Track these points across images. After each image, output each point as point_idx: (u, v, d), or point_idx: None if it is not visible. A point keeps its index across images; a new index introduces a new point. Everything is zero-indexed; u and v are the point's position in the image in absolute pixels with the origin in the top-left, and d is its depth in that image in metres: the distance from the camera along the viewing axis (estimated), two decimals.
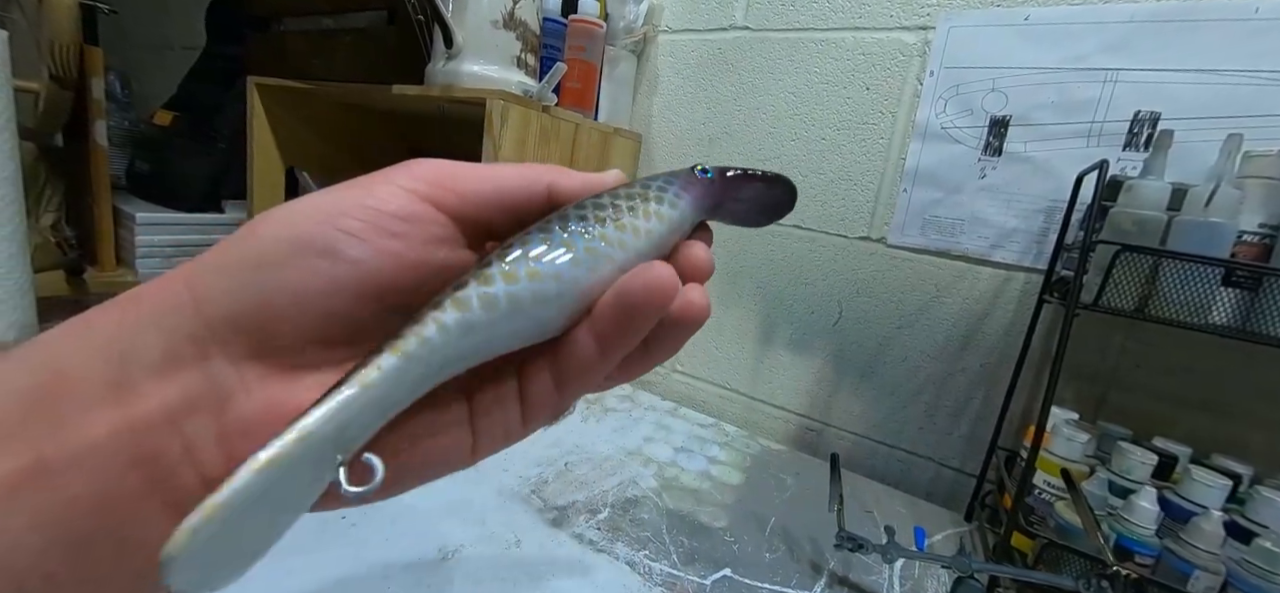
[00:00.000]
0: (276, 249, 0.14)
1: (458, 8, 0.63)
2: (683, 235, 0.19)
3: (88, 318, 0.14)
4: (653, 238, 0.18)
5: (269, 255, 0.14)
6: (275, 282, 0.14)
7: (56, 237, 0.87)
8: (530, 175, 0.18)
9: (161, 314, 0.14)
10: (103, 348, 0.13)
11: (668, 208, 0.18)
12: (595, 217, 0.17)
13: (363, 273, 0.15)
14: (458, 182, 0.16)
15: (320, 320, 0.14)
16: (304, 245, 0.14)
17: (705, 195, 0.20)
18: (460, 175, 0.16)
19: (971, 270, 0.69)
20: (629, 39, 0.83)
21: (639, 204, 0.18)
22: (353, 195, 0.15)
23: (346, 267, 0.14)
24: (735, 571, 0.51)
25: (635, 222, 0.17)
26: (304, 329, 0.14)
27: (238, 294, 0.14)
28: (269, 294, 0.14)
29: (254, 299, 0.14)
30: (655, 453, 0.70)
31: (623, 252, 0.17)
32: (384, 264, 0.15)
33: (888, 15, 0.71)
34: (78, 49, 0.78)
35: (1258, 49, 0.53)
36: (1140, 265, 0.48)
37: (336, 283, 0.14)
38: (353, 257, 0.14)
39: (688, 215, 0.19)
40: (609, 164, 0.83)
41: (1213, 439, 0.57)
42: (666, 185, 0.19)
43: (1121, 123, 0.59)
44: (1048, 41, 0.62)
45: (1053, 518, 0.53)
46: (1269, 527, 0.46)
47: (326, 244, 0.14)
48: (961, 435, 0.72)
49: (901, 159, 0.72)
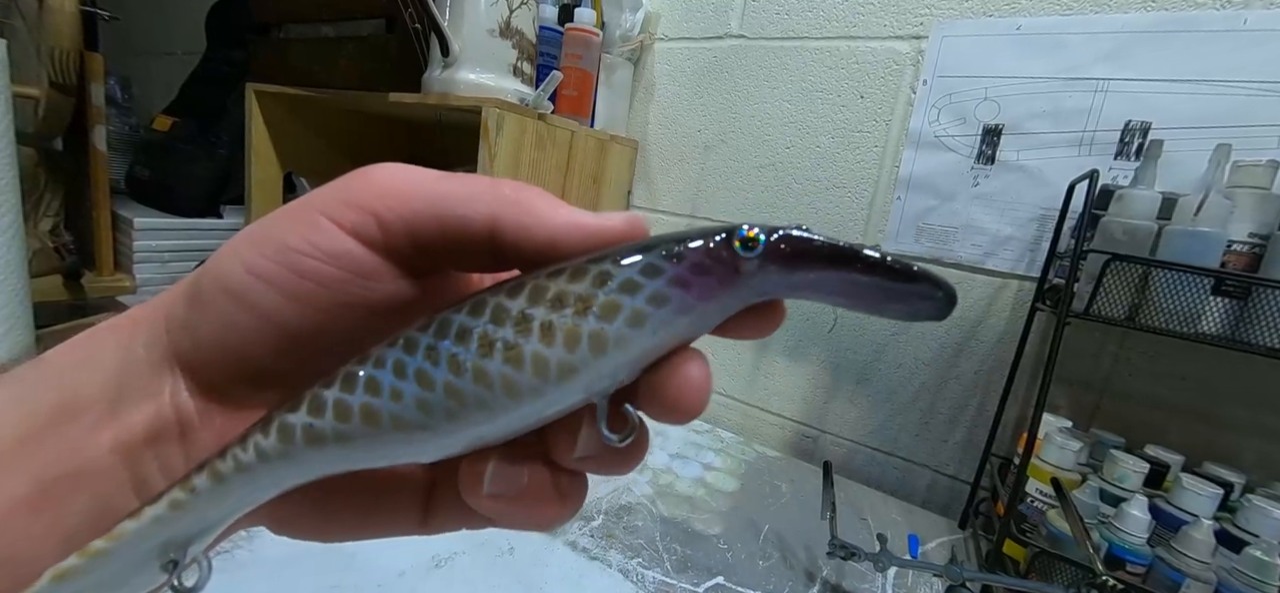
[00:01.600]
0: (209, 288, 0.13)
1: (454, 16, 0.64)
2: (687, 339, 0.13)
3: (93, 339, 0.14)
4: (577, 379, 0.12)
5: (203, 293, 0.14)
6: (205, 323, 0.14)
7: (55, 241, 0.87)
8: (474, 197, 0.13)
9: (149, 340, 0.14)
10: (105, 370, 0.14)
11: (624, 326, 0.12)
12: (482, 344, 0.12)
13: (276, 324, 0.13)
14: (392, 201, 0.13)
15: (240, 364, 0.14)
16: (224, 288, 0.13)
17: (736, 286, 0.12)
18: (397, 192, 0.13)
19: (966, 278, 0.70)
20: (625, 47, 0.83)
21: (575, 318, 0.12)
22: (276, 230, 0.13)
23: (257, 318, 0.13)
24: (728, 579, 0.51)
25: (550, 354, 0.11)
26: (229, 371, 0.14)
27: (182, 328, 0.14)
28: (201, 335, 0.14)
29: (191, 338, 0.14)
30: (650, 459, 0.70)
31: (513, 411, 0.12)
32: (302, 313, 0.13)
33: (881, 24, 0.71)
34: (78, 55, 0.79)
35: (1246, 60, 0.54)
36: (1131, 274, 0.48)
37: (247, 333, 0.13)
38: (263, 307, 0.13)
39: (681, 328, 0.12)
40: (605, 171, 0.84)
41: (1205, 447, 0.58)
42: (650, 273, 0.12)
43: (1112, 132, 0.60)
44: (1039, 51, 0.63)
45: (1045, 526, 0.53)
46: (1260, 536, 0.46)
47: (240, 290, 0.13)
48: (957, 443, 0.72)
49: (895, 167, 0.72)
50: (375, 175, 0.13)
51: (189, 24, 1.28)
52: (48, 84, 0.77)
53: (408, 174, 0.13)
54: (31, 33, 0.79)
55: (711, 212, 0.86)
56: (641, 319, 0.12)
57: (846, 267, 0.12)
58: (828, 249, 0.12)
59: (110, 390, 0.13)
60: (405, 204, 0.13)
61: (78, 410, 0.13)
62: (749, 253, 0.12)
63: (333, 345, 0.14)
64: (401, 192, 0.13)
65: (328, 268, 0.13)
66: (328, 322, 0.13)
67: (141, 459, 0.14)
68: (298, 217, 0.13)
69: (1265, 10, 0.53)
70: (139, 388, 0.14)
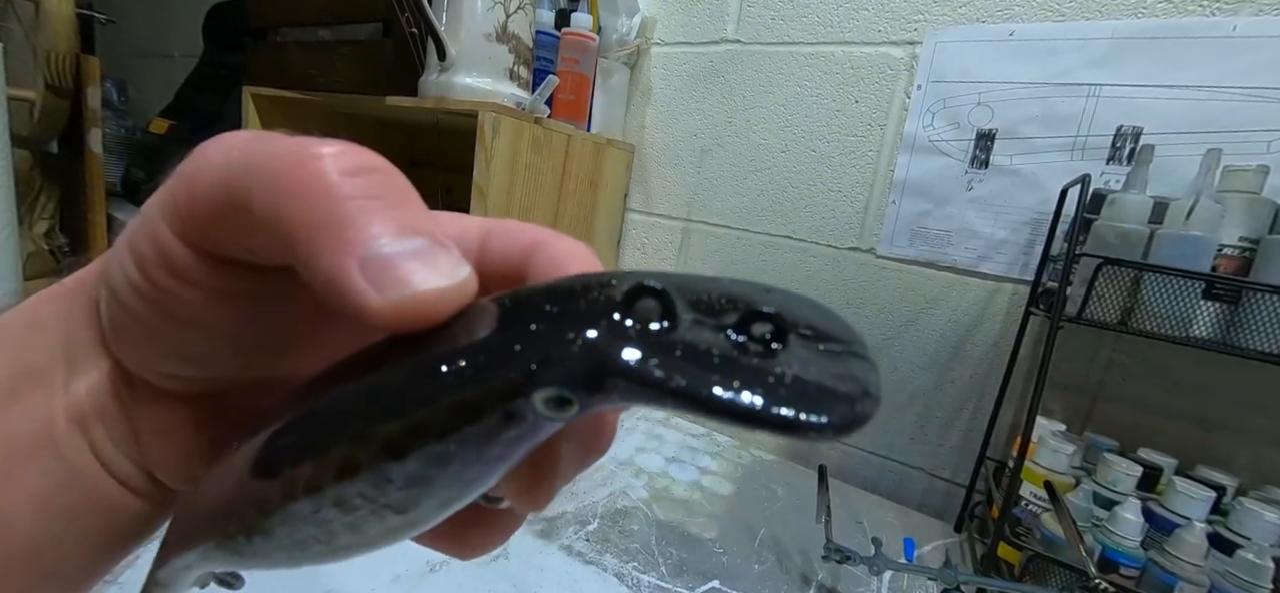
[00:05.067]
0: (109, 288, 0.13)
1: (451, 21, 0.64)
2: None
3: (35, 307, 0.14)
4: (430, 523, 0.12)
5: (112, 289, 0.13)
6: (115, 317, 0.13)
7: (50, 244, 0.87)
8: (259, 162, 0.10)
9: (85, 316, 0.14)
10: (52, 338, 0.14)
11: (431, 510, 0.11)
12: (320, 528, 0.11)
13: (179, 318, 0.12)
14: (195, 188, 0.11)
15: (159, 354, 0.13)
16: (114, 293, 0.12)
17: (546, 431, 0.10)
18: (198, 176, 0.11)
19: (960, 282, 0.70)
20: (622, 51, 0.84)
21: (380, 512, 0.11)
22: (134, 237, 0.12)
23: (158, 316, 0.12)
24: (723, 582, 0.51)
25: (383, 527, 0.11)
26: (150, 358, 0.13)
27: (106, 315, 0.13)
28: (117, 325, 0.13)
29: (110, 325, 0.13)
30: (646, 463, 0.70)
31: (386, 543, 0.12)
32: (182, 311, 0.12)
33: (876, 30, 0.72)
34: (74, 58, 0.79)
35: (1236, 66, 0.54)
36: (1123, 278, 0.48)
37: (153, 326, 0.12)
38: (151, 310, 0.12)
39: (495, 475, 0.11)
40: (601, 176, 0.84)
41: (1198, 451, 0.58)
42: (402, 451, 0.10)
43: (1104, 137, 0.60)
44: (1032, 57, 0.63)
45: (1039, 530, 0.53)
46: (1252, 538, 0.46)
47: (125, 297, 0.12)
48: (952, 446, 0.72)
49: (890, 171, 0.73)
50: (192, 159, 0.12)
51: (186, 27, 1.28)
52: (44, 87, 0.77)
53: (216, 148, 0.11)
54: (28, 36, 0.79)
55: (707, 216, 0.87)
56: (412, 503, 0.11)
57: (680, 401, 0.08)
58: (665, 386, 0.08)
59: (61, 357, 0.13)
60: (210, 191, 0.11)
61: (36, 376, 0.13)
62: (560, 414, 0.09)
63: (241, 331, 0.13)
64: (207, 175, 0.11)
65: (175, 282, 0.12)
66: (216, 317, 0.12)
67: (92, 428, 0.14)
68: (145, 222, 0.12)
69: (1254, 17, 0.54)
70: (82, 359, 0.14)
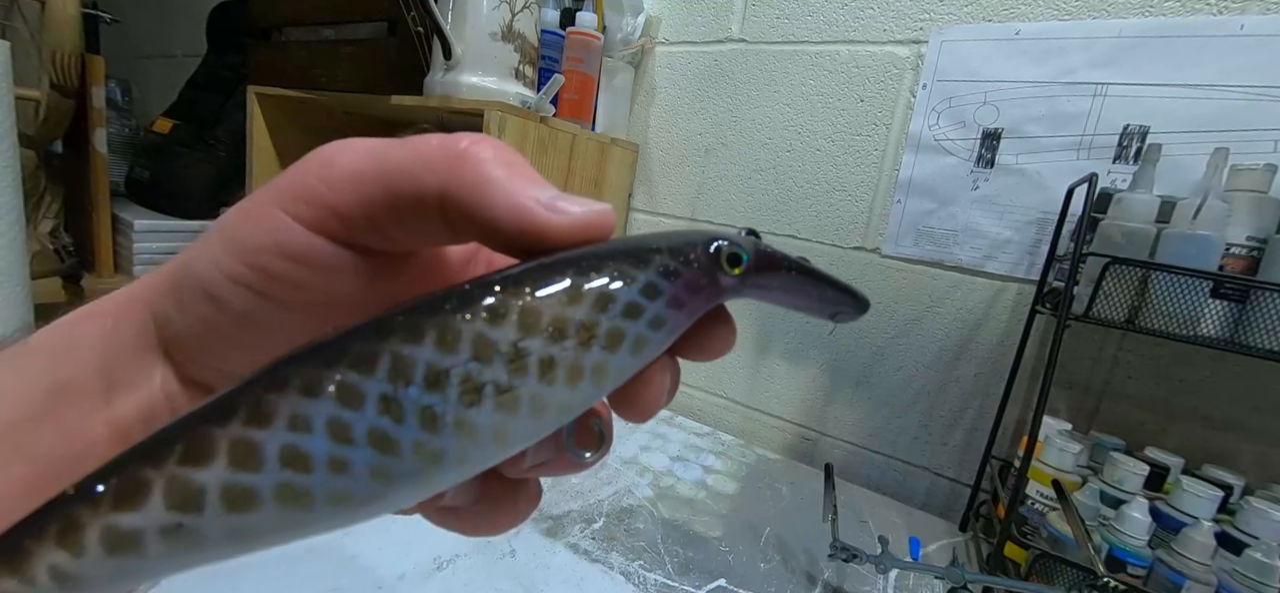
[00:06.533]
0: (188, 288, 0.13)
1: (457, 19, 0.64)
2: None
3: (72, 325, 0.14)
4: (573, 413, 0.11)
5: (183, 292, 0.13)
6: (187, 321, 0.13)
7: (55, 243, 0.87)
8: (425, 166, 0.12)
9: (137, 330, 0.14)
10: (91, 356, 0.14)
11: (626, 355, 0.11)
12: (465, 390, 0.09)
13: (258, 322, 0.13)
14: (344, 188, 0.12)
15: (225, 360, 0.14)
16: (201, 289, 0.13)
17: (712, 300, 0.12)
18: (347, 176, 0.12)
19: (965, 281, 0.70)
20: (626, 51, 0.84)
21: (578, 350, 0.10)
22: (242, 232, 0.13)
23: (236, 318, 0.13)
24: (729, 581, 0.51)
25: (550, 393, 0.10)
26: (214, 366, 0.14)
27: (168, 323, 0.14)
28: (185, 331, 0.14)
29: (176, 333, 0.14)
30: (651, 462, 0.70)
31: (494, 459, 0.11)
32: (279, 312, 0.13)
33: (881, 29, 0.72)
34: (79, 57, 0.79)
35: (1243, 64, 0.54)
36: (1130, 277, 0.48)
37: (229, 332, 0.13)
38: (240, 309, 0.13)
39: (664, 346, 0.12)
40: (606, 174, 0.84)
41: (1204, 450, 0.58)
42: (650, 295, 0.11)
43: (1111, 136, 0.60)
44: (1038, 56, 0.63)
45: (1046, 529, 0.53)
46: (1260, 537, 0.46)
47: (216, 292, 0.13)
48: (957, 445, 0.72)
49: (895, 170, 0.72)
50: (322, 160, 0.12)
51: (189, 27, 1.28)
52: (49, 86, 0.77)
53: (355, 152, 0.12)
54: (33, 35, 0.79)
55: (712, 215, 0.86)
56: (642, 345, 0.11)
57: (804, 278, 0.13)
58: (791, 264, 0.13)
59: (100, 376, 0.14)
60: (359, 187, 0.12)
61: (72, 394, 0.13)
62: (732, 270, 0.12)
63: (335, 309, 0.13)
64: (352, 173, 0.12)
65: (293, 267, 0.12)
66: (307, 320, 0.13)
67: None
68: (260, 215, 0.12)
69: (1261, 16, 0.54)
70: (129, 375, 0.14)
